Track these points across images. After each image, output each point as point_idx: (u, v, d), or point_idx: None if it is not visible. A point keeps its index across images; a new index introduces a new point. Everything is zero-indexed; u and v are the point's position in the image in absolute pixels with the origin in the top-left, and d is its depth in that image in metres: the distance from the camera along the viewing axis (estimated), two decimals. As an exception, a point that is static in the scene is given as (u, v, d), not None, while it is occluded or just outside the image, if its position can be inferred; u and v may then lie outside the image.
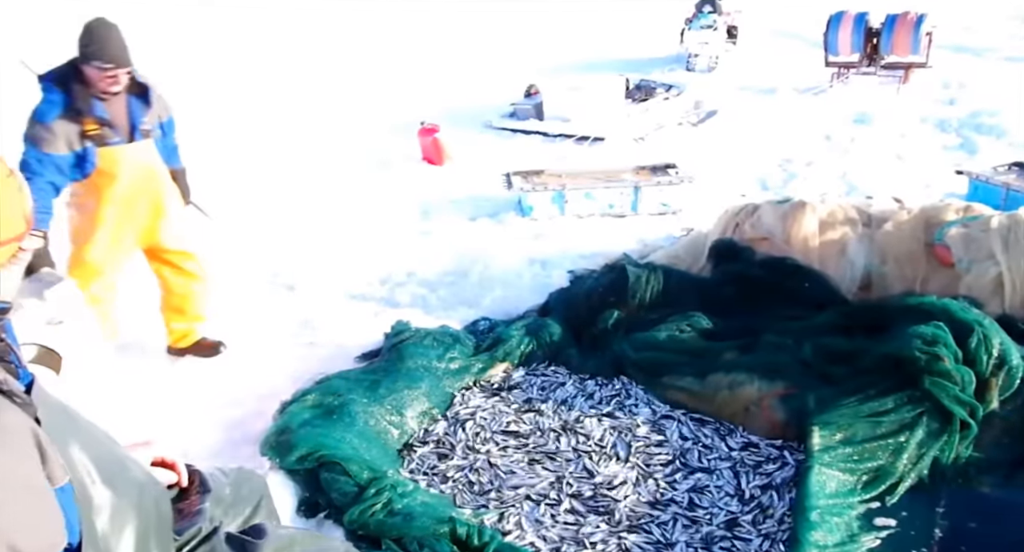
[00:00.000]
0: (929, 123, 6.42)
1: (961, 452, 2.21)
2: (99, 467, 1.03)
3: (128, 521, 1.05)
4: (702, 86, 7.91)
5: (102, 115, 2.45)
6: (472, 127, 7.01)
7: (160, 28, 13.07)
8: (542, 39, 11.46)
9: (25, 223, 1.00)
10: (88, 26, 2.38)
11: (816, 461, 2.17)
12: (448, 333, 3.07)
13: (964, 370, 2.30)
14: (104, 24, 2.38)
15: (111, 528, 1.02)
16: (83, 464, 1.01)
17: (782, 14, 11.35)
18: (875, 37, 7.68)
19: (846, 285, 3.13)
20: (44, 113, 2.41)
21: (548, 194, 4.70)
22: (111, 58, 2.36)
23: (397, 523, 2.03)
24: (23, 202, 1.00)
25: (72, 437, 1.02)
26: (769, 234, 3.37)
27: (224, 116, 7.21)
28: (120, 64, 2.39)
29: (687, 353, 2.85)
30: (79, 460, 1.00)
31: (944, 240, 3.03)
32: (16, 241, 0.99)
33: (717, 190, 4.88)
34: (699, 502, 2.22)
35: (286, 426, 2.41)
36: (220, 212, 3.26)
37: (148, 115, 2.59)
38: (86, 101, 2.42)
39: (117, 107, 2.49)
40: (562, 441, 2.52)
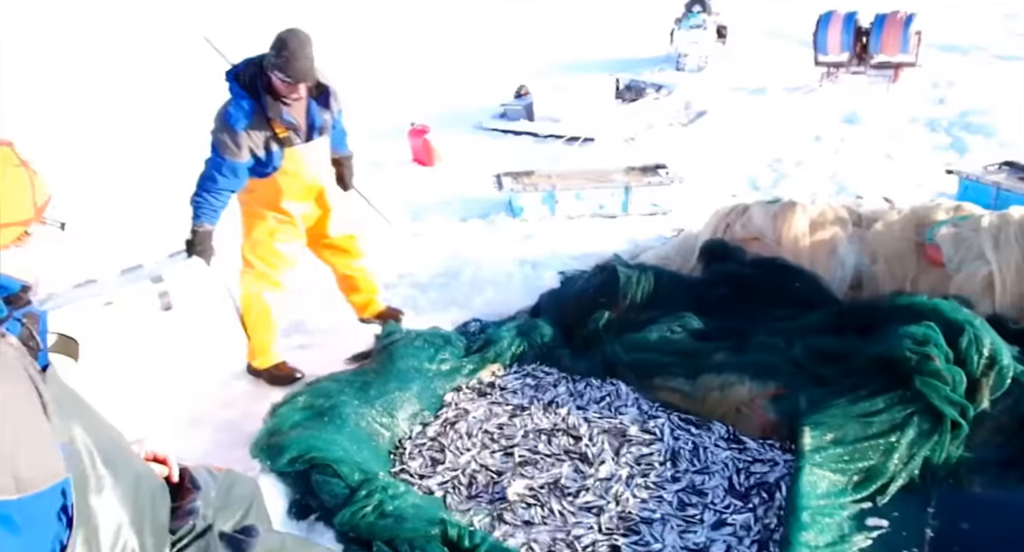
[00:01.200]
0: (919, 122, 6.44)
1: (952, 452, 2.21)
2: (101, 451, 1.07)
3: (124, 507, 1.08)
4: (692, 86, 7.91)
5: (289, 120, 2.55)
6: (462, 128, 6.99)
7: (160, 27, 12.99)
8: (532, 40, 11.45)
9: (33, 211, 1.12)
10: (281, 37, 2.43)
11: (807, 461, 2.16)
12: (439, 335, 3.05)
13: (955, 370, 2.30)
14: (295, 38, 2.42)
15: (106, 511, 1.05)
16: (86, 445, 1.05)
17: (771, 13, 11.39)
18: (864, 36, 7.71)
19: (836, 285, 3.13)
20: (235, 121, 2.48)
21: (538, 195, 4.69)
22: (295, 74, 2.43)
23: (388, 525, 2.02)
24: (32, 192, 1.11)
25: (78, 419, 1.06)
26: (760, 234, 3.37)
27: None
28: (303, 80, 2.47)
29: (678, 354, 2.84)
30: (82, 440, 1.04)
31: (934, 240, 3.03)
32: (21, 225, 1.10)
33: (707, 190, 4.88)
34: (690, 503, 2.21)
35: (277, 428, 2.40)
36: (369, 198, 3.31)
37: (326, 115, 2.69)
38: (275, 108, 2.50)
39: (299, 109, 2.58)
40: (553, 442, 2.51)
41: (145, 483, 1.15)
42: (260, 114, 2.50)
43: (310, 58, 2.44)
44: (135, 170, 5.85)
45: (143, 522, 1.11)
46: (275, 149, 2.57)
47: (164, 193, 5.03)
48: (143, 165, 6.02)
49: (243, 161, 2.54)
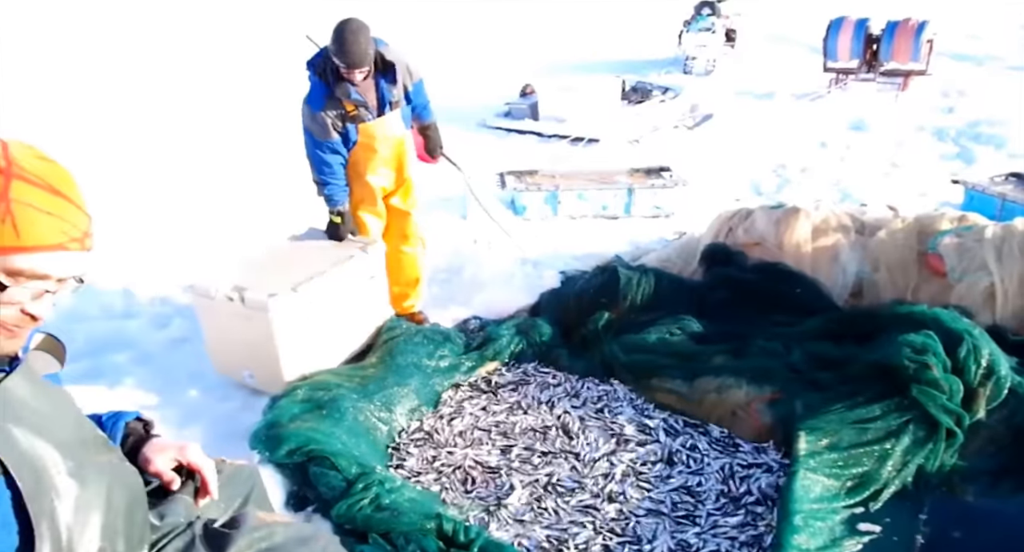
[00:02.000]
0: (927, 131, 6.43)
1: (946, 460, 2.21)
2: (67, 457, 1.03)
3: (93, 513, 1.04)
4: (699, 89, 7.90)
5: (358, 98, 2.76)
6: (467, 126, 6.99)
7: (164, 25, 13.02)
8: (539, 39, 11.45)
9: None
10: (337, 27, 2.61)
11: (801, 466, 2.17)
12: (438, 331, 3.06)
13: (952, 379, 2.30)
14: (349, 28, 2.60)
15: (75, 520, 1.01)
16: (50, 455, 1.00)
17: (781, 19, 11.37)
18: (875, 43, 7.69)
19: (837, 292, 3.13)
20: (314, 104, 2.75)
21: (541, 194, 4.69)
22: (349, 61, 2.63)
23: (384, 518, 2.03)
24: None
25: (41, 428, 1.01)
26: (762, 239, 3.36)
27: (221, 114, 7.17)
28: (358, 66, 2.65)
29: (676, 356, 2.84)
30: (45, 451, 1.00)
31: (937, 249, 3.03)
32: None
33: (711, 194, 4.88)
34: (684, 504, 2.21)
35: (276, 420, 2.41)
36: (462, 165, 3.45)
37: (395, 89, 2.85)
38: (343, 88, 2.72)
39: (368, 87, 2.78)
40: (549, 441, 2.51)
41: (119, 486, 1.11)
42: (332, 96, 2.73)
43: (363, 44, 2.61)
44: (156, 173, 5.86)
45: (116, 526, 1.08)
46: (349, 126, 2.82)
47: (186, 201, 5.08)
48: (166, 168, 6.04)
49: (334, 139, 2.80)
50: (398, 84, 2.85)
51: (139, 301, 3.67)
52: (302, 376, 2.72)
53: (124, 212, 4.66)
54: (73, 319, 3.39)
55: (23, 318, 0.98)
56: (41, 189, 0.95)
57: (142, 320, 3.48)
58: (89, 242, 1.01)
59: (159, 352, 3.18)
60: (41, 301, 0.99)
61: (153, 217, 4.71)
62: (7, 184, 0.92)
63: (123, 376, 2.95)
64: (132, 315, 3.55)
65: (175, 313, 3.53)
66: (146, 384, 2.89)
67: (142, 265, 3.96)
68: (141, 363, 3.08)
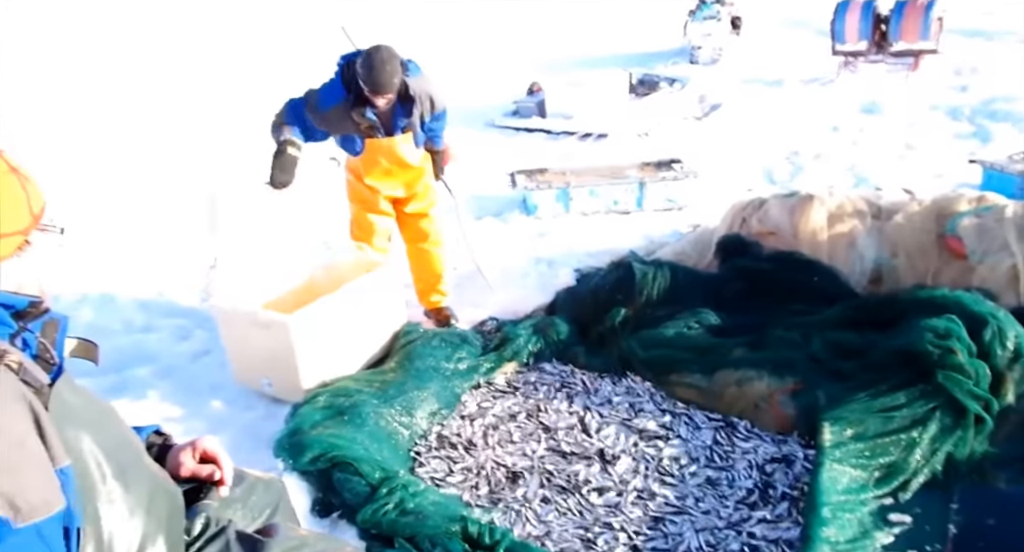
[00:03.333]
0: (940, 111, 6.32)
1: (976, 447, 2.17)
2: (113, 462, 1.06)
3: (137, 519, 1.07)
4: (706, 79, 7.83)
5: (372, 119, 2.83)
6: (475, 126, 6.99)
7: (174, 25, 13.15)
8: (543, 35, 11.41)
9: (30, 218, 1.06)
10: (367, 52, 2.68)
11: (827, 457, 2.15)
12: (456, 333, 3.07)
13: (978, 364, 2.27)
14: (379, 56, 2.66)
15: (117, 524, 1.04)
16: (95, 457, 1.04)
17: (787, 3, 11.24)
18: (883, 24, 7.56)
19: (856, 279, 3.09)
20: (322, 102, 2.78)
21: (552, 192, 4.67)
22: (375, 88, 2.69)
23: (410, 522, 2.04)
24: (27, 199, 1.05)
25: (88, 430, 1.05)
26: (777, 228, 3.33)
27: (231, 114, 7.23)
28: (382, 93, 2.71)
29: (695, 350, 2.82)
30: (91, 452, 1.03)
31: (956, 231, 2.98)
32: (20, 234, 1.05)
33: (723, 185, 4.83)
34: (709, 499, 2.20)
35: (298, 428, 2.43)
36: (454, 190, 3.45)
37: (410, 119, 2.90)
38: (361, 106, 2.78)
39: (385, 111, 2.84)
40: (571, 440, 2.51)
41: (160, 494, 1.13)
42: (347, 106, 2.78)
43: (389, 73, 2.67)
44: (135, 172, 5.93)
45: (157, 535, 1.10)
46: (357, 138, 2.90)
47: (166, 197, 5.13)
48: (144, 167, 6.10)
49: (318, 129, 2.85)
50: (414, 115, 2.90)
51: (158, 314, 3.71)
52: (322, 383, 2.74)
53: (139, 226, 4.71)
54: (96, 334, 3.43)
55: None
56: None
57: (163, 333, 3.52)
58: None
59: (181, 364, 3.22)
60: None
61: (169, 229, 4.76)
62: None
63: (147, 389, 2.97)
64: (152, 329, 3.58)
65: (195, 325, 3.56)
66: (170, 397, 2.92)
67: (160, 278, 4.01)
68: (164, 376, 3.11)
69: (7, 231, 1.02)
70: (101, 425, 1.10)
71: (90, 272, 3.97)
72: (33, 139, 6.45)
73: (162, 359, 3.26)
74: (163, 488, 1.15)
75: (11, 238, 1.03)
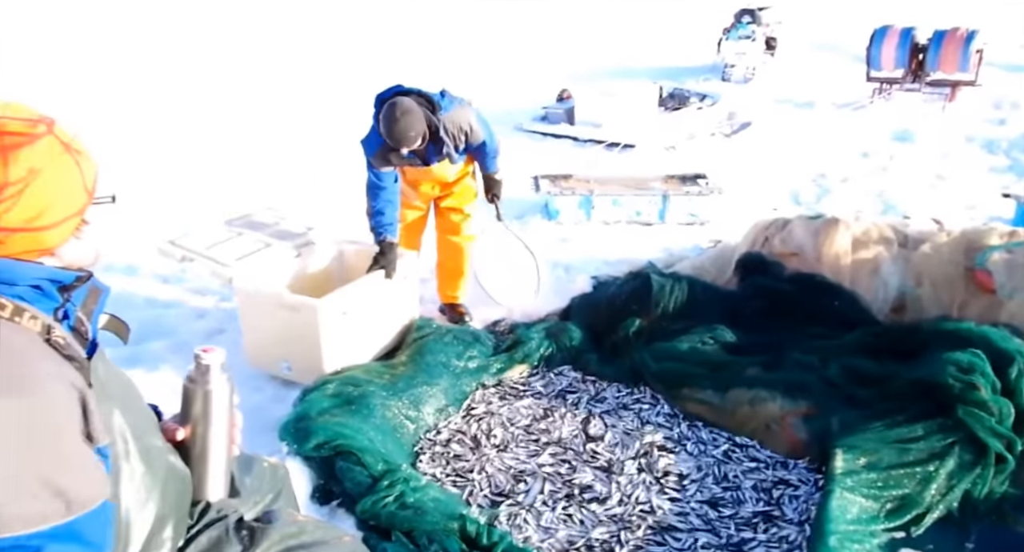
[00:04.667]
0: (976, 143, 6.22)
1: (995, 487, 2.11)
2: (136, 440, 1.06)
3: (151, 500, 1.06)
4: (737, 97, 7.78)
5: (408, 157, 2.89)
6: (503, 129, 6.98)
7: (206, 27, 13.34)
8: (576, 44, 11.43)
9: (86, 195, 1.03)
10: (386, 108, 2.74)
11: (838, 485, 2.09)
12: (468, 332, 3.06)
13: (1002, 401, 2.20)
14: (394, 114, 2.70)
15: (134, 503, 1.04)
16: (122, 434, 1.03)
17: (824, 27, 11.15)
18: (921, 53, 7.47)
19: (878, 306, 3.03)
20: (368, 149, 2.91)
21: (575, 199, 4.65)
22: (395, 142, 2.75)
23: (408, 516, 2.02)
24: (82, 177, 1.01)
25: (119, 405, 1.05)
26: (799, 250, 3.28)
27: (254, 115, 7.30)
28: (401, 146, 2.77)
29: (708, 366, 2.78)
30: (119, 426, 1.03)
31: (986, 265, 2.91)
32: (76, 216, 1.02)
33: (747, 203, 4.78)
34: (712, 518, 2.15)
35: (305, 413, 2.43)
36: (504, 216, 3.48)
37: (441, 154, 2.94)
38: (396, 149, 2.83)
39: (419, 150, 2.89)
40: (576, 447, 2.48)
41: (173, 476, 1.13)
42: (384, 149, 2.85)
43: (404, 129, 2.70)
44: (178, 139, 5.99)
45: (167, 516, 1.09)
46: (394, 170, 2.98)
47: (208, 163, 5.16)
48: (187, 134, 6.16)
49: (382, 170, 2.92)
50: (447, 149, 2.92)
51: (180, 291, 3.78)
52: (335, 370, 2.74)
53: (168, 204, 4.76)
54: (119, 307, 3.47)
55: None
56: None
57: (181, 310, 3.58)
58: None
59: (195, 341, 3.24)
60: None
61: (194, 211, 4.80)
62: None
63: (160, 363, 3.01)
64: (172, 305, 3.65)
65: (213, 304, 3.62)
66: (181, 372, 2.91)
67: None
68: (177, 351, 3.15)
69: (64, 216, 0.99)
70: (128, 400, 1.09)
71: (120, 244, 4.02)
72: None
73: (178, 334, 3.32)
74: (175, 469, 1.14)
75: (68, 222, 1.00)
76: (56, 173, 0.97)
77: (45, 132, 0.97)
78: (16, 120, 0.96)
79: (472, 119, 2.93)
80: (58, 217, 0.98)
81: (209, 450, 1.19)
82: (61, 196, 0.98)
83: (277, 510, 1.33)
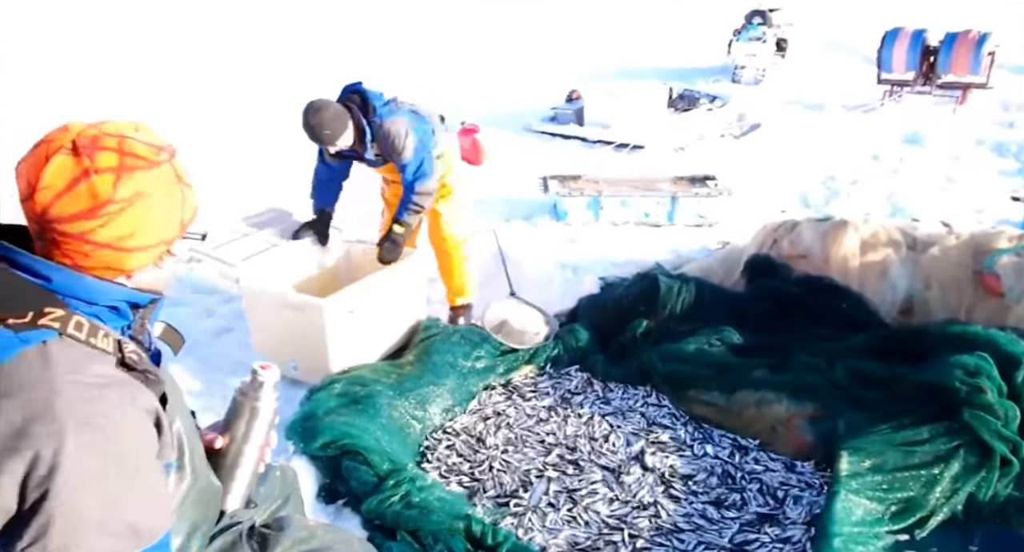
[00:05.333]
0: (986, 146, 6.18)
1: (1000, 490, 2.11)
2: (188, 449, 1.08)
3: (189, 509, 1.08)
4: (747, 98, 7.77)
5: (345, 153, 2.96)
6: (512, 129, 7.02)
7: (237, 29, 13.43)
8: (586, 44, 11.42)
9: (179, 229, 1.05)
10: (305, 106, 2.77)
11: (843, 487, 2.10)
12: (476, 332, 3.07)
13: (1008, 405, 2.21)
14: (306, 110, 2.75)
15: (178, 511, 1.06)
16: (179, 440, 1.06)
17: (835, 29, 11.10)
18: (932, 55, 7.43)
19: (885, 308, 3.03)
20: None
21: (584, 199, 4.67)
22: (309, 137, 2.81)
23: (414, 516, 2.04)
24: (182, 210, 1.04)
25: (180, 415, 1.07)
26: (808, 252, 3.28)
27: (261, 116, 7.35)
28: (315, 142, 2.83)
29: (715, 367, 2.79)
30: (179, 439, 1.06)
31: (994, 268, 2.91)
32: (164, 245, 1.03)
33: (756, 204, 4.78)
34: (718, 519, 2.17)
35: (312, 413, 2.44)
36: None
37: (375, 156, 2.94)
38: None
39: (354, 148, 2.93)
40: (582, 447, 2.50)
41: (208, 485, 1.15)
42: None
43: (316, 127, 2.74)
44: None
45: (202, 525, 1.12)
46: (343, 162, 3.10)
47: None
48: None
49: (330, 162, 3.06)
50: (372, 153, 2.91)
51: (189, 289, 3.80)
52: (342, 370, 2.76)
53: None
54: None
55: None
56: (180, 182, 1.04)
57: (190, 308, 3.59)
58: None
59: (203, 341, 3.27)
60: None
61: (202, 211, 4.85)
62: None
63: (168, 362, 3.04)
64: (181, 303, 3.66)
65: (222, 302, 3.63)
66: (191, 371, 2.96)
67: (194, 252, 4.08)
68: (186, 351, 3.12)
69: (152, 242, 1.00)
70: (183, 409, 1.12)
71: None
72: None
73: (187, 334, 3.28)
74: (210, 479, 1.16)
75: (154, 249, 1.01)
76: (160, 201, 0.99)
77: (165, 160, 1.00)
78: (143, 144, 0.98)
79: (402, 134, 2.81)
80: (146, 242, 0.99)
81: (240, 463, 1.22)
82: (156, 223, 1.00)
83: (287, 516, 1.34)
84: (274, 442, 1.30)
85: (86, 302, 0.96)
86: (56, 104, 7.33)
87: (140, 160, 0.96)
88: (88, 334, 0.94)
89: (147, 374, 0.98)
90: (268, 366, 1.22)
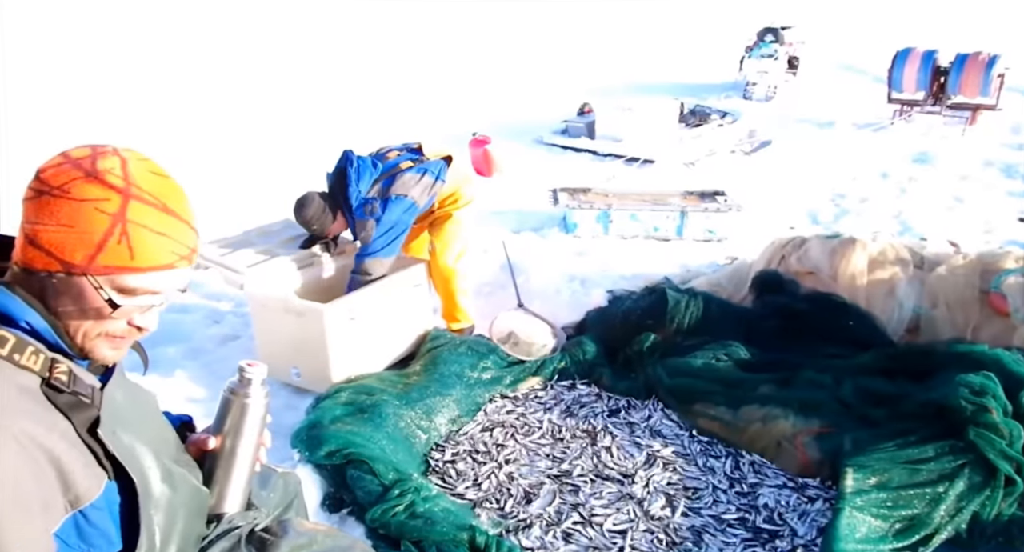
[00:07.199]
0: (995, 167, 6.20)
1: (1004, 509, 2.11)
2: (160, 464, 1.06)
3: (179, 519, 1.07)
4: (758, 115, 7.82)
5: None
6: (523, 141, 7.09)
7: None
8: (599, 59, 11.52)
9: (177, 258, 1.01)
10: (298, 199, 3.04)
11: (847, 503, 2.11)
12: (483, 343, 3.08)
13: (1013, 424, 2.21)
14: (299, 201, 3.02)
15: (166, 526, 1.04)
16: (145, 460, 1.03)
17: (846, 48, 11.16)
18: (943, 76, 7.48)
19: (892, 327, 3.05)
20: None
21: (593, 212, 4.71)
22: (300, 223, 3.09)
23: (418, 526, 2.03)
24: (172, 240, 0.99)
25: (137, 431, 1.04)
26: (816, 269, 3.30)
27: (269, 125, 7.44)
28: (306, 228, 3.10)
29: (722, 382, 2.80)
30: (142, 457, 1.03)
31: (1001, 288, 2.92)
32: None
33: (765, 220, 4.81)
34: (722, 534, 2.18)
35: (318, 421, 2.45)
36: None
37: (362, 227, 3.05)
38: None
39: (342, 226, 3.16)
40: (586, 460, 2.51)
41: (195, 492, 1.13)
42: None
43: (304, 222, 3.05)
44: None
45: (190, 536, 1.10)
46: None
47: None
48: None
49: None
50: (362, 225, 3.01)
51: (196, 297, 3.81)
52: (348, 377, 2.78)
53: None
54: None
55: (130, 330, 1.02)
56: (156, 209, 0.97)
57: (197, 315, 3.61)
58: (195, 257, 1.05)
59: (209, 347, 3.29)
60: (149, 313, 1.03)
61: (209, 219, 4.90)
62: (124, 204, 0.94)
63: (174, 368, 3.04)
64: (188, 310, 3.67)
65: (228, 310, 3.65)
66: (195, 378, 2.98)
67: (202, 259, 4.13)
68: (192, 357, 3.18)
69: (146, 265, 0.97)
70: (146, 423, 1.09)
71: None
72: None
73: (193, 340, 3.35)
74: (194, 486, 1.14)
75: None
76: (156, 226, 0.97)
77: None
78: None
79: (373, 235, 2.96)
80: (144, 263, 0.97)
81: (235, 463, 1.20)
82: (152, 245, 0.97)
83: (288, 521, 1.32)
84: (269, 442, 1.28)
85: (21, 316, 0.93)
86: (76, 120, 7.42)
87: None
88: (12, 350, 0.91)
89: (78, 396, 0.94)
90: (255, 363, 1.20)
